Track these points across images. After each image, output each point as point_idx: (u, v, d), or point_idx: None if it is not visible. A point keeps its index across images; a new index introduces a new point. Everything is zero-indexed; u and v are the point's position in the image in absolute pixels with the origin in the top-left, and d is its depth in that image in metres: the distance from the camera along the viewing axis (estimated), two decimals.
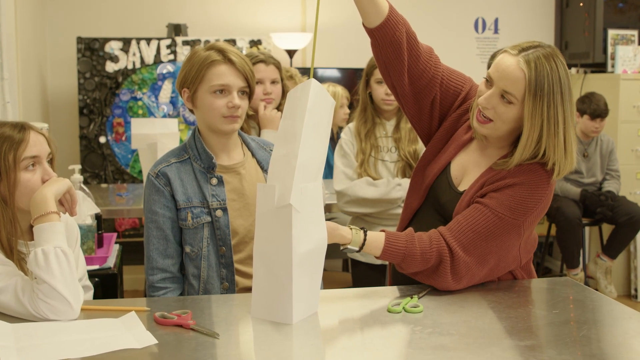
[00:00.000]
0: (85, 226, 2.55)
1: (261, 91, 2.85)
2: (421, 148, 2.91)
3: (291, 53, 5.05)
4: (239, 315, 1.71)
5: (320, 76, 5.07)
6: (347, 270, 4.63)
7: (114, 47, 4.72)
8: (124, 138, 4.77)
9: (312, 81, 1.58)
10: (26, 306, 1.59)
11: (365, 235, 1.79)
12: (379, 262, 2.85)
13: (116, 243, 2.95)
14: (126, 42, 4.73)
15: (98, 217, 2.70)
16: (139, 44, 4.75)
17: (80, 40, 4.68)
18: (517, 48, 1.79)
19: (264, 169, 2.11)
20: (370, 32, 1.86)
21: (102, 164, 4.77)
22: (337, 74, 5.22)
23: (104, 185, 4.53)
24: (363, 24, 1.87)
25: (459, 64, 2.20)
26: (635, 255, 5.00)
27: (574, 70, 5.41)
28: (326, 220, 1.70)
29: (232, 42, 4.77)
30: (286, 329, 1.58)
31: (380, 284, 2.96)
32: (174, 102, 4.81)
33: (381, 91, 2.92)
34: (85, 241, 2.55)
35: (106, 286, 2.58)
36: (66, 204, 1.76)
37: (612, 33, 5.27)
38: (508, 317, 1.67)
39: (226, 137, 2.06)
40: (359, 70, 4.33)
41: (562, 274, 4.84)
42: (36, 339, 1.49)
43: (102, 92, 4.73)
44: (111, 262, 2.67)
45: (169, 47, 4.77)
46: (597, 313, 1.73)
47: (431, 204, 1.99)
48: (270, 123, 2.85)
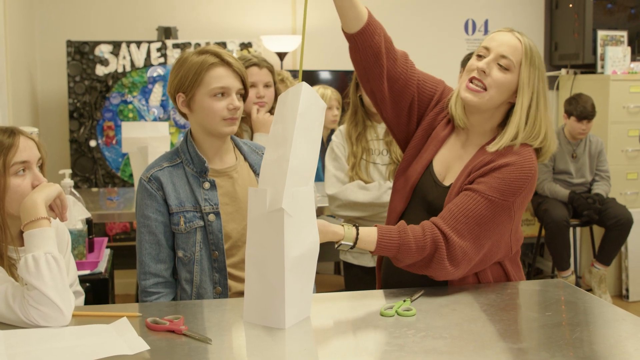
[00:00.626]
0: (75, 231, 2.54)
1: (254, 94, 2.85)
2: None
3: (282, 56, 5.05)
4: (231, 320, 1.70)
5: (310, 78, 5.07)
6: (339, 273, 4.62)
7: (104, 51, 4.70)
8: (114, 142, 4.74)
9: (303, 84, 1.58)
10: (17, 312, 1.58)
11: (358, 230, 1.79)
12: (371, 264, 2.84)
13: (107, 247, 2.93)
14: (116, 45, 4.71)
15: (89, 221, 2.69)
16: (129, 47, 4.73)
17: (70, 43, 4.66)
18: (506, 29, 1.93)
19: (257, 173, 2.10)
20: (351, 37, 1.90)
21: (93, 168, 4.74)
22: (329, 76, 5.22)
23: (94, 190, 4.51)
24: (343, 30, 1.91)
25: (449, 65, 2.21)
26: (626, 256, 5.01)
27: (563, 71, 5.43)
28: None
29: (223, 44, 4.76)
30: (279, 333, 1.57)
31: (373, 287, 2.94)
32: (164, 105, 4.79)
33: None
34: (76, 246, 2.54)
35: (97, 291, 2.57)
36: (56, 209, 1.76)
37: (601, 34, 5.29)
38: (501, 320, 1.68)
39: (221, 141, 2.06)
40: (349, 72, 4.33)
41: (553, 275, 4.84)
42: (27, 346, 1.48)
43: (92, 95, 4.71)
44: (102, 267, 2.66)
45: (159, 50, 4.76)
46: (590, 315, 1.74)
47: (418, 203, 2.00)
48: (263, 126, 2.84)
